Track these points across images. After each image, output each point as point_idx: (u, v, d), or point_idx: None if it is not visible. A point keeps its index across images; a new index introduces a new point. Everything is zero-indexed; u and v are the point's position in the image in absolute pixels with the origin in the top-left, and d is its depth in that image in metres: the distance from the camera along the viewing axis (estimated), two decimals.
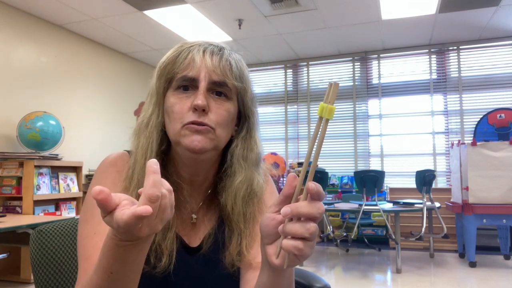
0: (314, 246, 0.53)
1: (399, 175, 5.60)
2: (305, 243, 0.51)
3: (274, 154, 5.89)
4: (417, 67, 5.67)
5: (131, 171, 0.77)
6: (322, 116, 0.53)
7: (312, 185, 0.51)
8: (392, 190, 5.33)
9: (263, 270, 0.63)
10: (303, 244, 0.51)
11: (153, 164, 0.50)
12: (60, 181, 4.18)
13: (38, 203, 3.88)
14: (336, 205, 4.43)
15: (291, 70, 6.30)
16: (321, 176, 4.23)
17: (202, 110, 0.73)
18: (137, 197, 0.74)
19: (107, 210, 0.49)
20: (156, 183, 0.49)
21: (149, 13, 4.35)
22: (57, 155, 4.10)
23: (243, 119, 0.83)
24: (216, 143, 0.76)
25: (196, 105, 0.72)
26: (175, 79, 0.76)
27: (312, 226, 0.51)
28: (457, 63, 5.49)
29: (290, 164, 6.02)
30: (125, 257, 0.56)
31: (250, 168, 0.80)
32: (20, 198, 3.79)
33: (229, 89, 0.76)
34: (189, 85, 0.75)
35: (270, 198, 0.86)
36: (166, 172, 0.80)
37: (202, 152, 0.74)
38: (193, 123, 0.73)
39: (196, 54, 0.76)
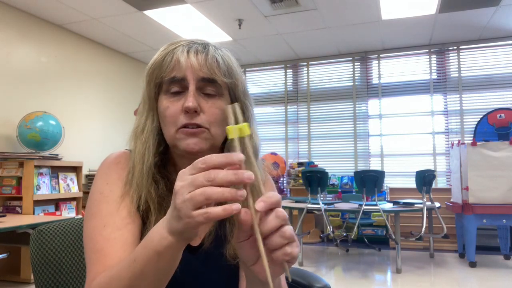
0: (298, 244, 0.53)
1: (399, 175, 5.60)
2: (290, 245, 0.52)
3: (274, 154, 5.89)
4: (417, 67, 5.67)
5: (130, 176, 0.77)
6: (243, 136, 0.52)
7: (260, 204, 0.51)
8: (392, 190, 5.33)
9: (253, 286, 0.63)
10: (289, 247, 0.51)
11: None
12: (60, 181, 4.18)
13: (38, 203, 3.88)
14: (336, 205, 4.43)
15: (291, 70, 6.30)
16: (321, 176, 4.23)
17: (194, 111, 0.73)
18: (138, 199, 0.75)
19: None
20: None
21: (149, 13, 4.35)
22: (57, 155, 4.10)
23: None
24: (212, 142, 0.76)
25: (186, 107, 0.72)
26: (164, 83, 0.76)
27: (286, 230, 0.51)
28: (457, 63, 5.49)
29: (290, 164, 6.02)
30: (176, 258, 0.58)
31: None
32: (20, 198, 3.79)
33: (219, 86, 0.76)
34: (178, 87, 0.75)
35: (266, 186, 0.87)
36: (166, 172, 0.80)
37: (199, 153, 0.75)
38: (186, 126, 0.74)
39: (181, 55, 0.75)
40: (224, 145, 0.82)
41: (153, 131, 0.79)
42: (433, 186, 4.76)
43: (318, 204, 4.19)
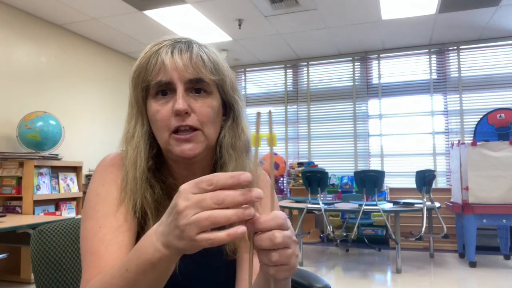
0: (291, 255, 0.51)
1: (399, 175, 5.60)
2: (279, 252, 0.50)
3: (274, 154, 5.87)
4: (417, 67, 5.67)
5: (124, 183, 0.77)
6: (270, 146, 0.52)
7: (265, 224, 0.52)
8: (392, 190, 5.33)
9: (260, 274, 0.63)
10: (276, 254, 0.50)
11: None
12: (60, 181, 4.18)
13: (38, 203, 3.88)
14: (336, 205, 4.43)
15: (291, 70, 6.30)
16: (321, 176, 4.23)
17: (185, 113, 0.72)
18: (134, 206, 0.74)
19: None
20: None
21: (149, 13, 4.35)
22: (57, 155, 4.10)
23: (228, 109, 0.82)
24: (207, 143, 0.76)
25: (177, 110, 0.71)
26: (151, 87, 0.75)
27: (277, 236, 0.50)
28: (457, 63, 5.49)
29: (290, 164, 6.02)
30: (171, 268, 0.56)
31: (240, 156, 0.80)
32: (20, 198, 3.79)
33: (207, 84, 0.75)
34: (166, 89, 0.74)
35: (264, 187, 0.86)
36: (160, 175, 0.79)
37: (195, 158, 0.75)
38: (179, 129, 0.73)
39: (165, 56, 0.74)
40: (217, 143, 0.80)
41: (143, 136, 0.77)
42: (433, 186, 4.76)
43: (318, 204, 4.19)
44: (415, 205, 4.09)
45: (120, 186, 0.77)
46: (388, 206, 4.20)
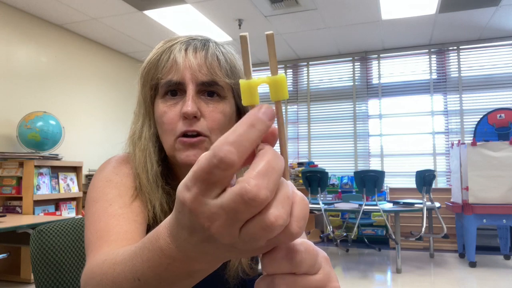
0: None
1: (399, 175, 5.60)
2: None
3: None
4: (417, 67, 5.67)
5: (137, 181, 0.70)
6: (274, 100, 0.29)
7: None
8: (392, 190, 5.33)
9: None
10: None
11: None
12: (60, 181, 4.18)
13: (38, 203, 3.88)
14: (336, 205, 4.43)
15: (291, 70, 6.30)
16: (321, 176, 4.23)
17: (193, 117, 0.67)
18: (153, 209, 0.66)
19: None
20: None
21: (149, 13, 4.35)
22: (57, 155, 4.10)
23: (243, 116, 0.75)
24: None
25: (184, 113, 0.66)
26: (160, 86, 0.69)
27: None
28: (457, 63, 5.49)
29: (290, 164, 6.01)
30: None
31: None
32: (20, 198, 3.79)
33: (221, 88, 0.69)
34: (176, 89, 0.69)
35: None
36: (170, 180, 0.74)
37: None
38: (185, 134, 0.67)
39: (178, 53, 0.68)
40: None
41: (151, 138, 0.72)
42: (433, 186, 4.75)
43: (318, 204, 4.19)
44: (415, 205, 4.09)
45: (133, 182, 0.69)
46: (388, 206, 4.20)
